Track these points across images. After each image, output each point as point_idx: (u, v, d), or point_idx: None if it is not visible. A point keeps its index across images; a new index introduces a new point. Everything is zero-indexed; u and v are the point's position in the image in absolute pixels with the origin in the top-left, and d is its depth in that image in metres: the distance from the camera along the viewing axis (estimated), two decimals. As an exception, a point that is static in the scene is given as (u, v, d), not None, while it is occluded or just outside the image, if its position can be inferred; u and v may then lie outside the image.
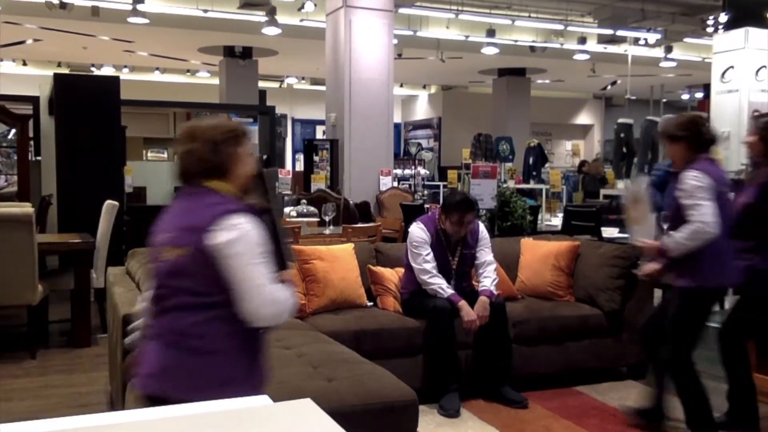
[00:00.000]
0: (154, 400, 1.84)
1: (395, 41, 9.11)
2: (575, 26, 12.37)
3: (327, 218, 5.98)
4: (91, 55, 13.96)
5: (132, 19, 9.61)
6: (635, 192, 3.48)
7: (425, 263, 3.98)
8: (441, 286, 3.95)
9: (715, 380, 4.43)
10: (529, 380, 4.12)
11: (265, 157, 9.74)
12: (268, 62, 13.89)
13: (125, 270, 3.80)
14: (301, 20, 10.70)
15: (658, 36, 12.33)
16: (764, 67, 10.48)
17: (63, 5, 9.42)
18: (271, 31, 10.10)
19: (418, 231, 4.07)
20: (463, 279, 4.13)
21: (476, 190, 5.52)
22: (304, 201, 6.63)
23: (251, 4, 9.61)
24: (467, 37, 12.26)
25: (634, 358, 4.39)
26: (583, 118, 20.76)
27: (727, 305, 5.02)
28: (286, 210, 6.69)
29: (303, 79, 17.62)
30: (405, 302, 4.16)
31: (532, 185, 11.38)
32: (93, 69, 15.18)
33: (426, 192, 12.51)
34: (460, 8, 11.08)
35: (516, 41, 12.81)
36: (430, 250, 4.01)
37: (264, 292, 1.90)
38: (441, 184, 12.55)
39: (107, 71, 15.35)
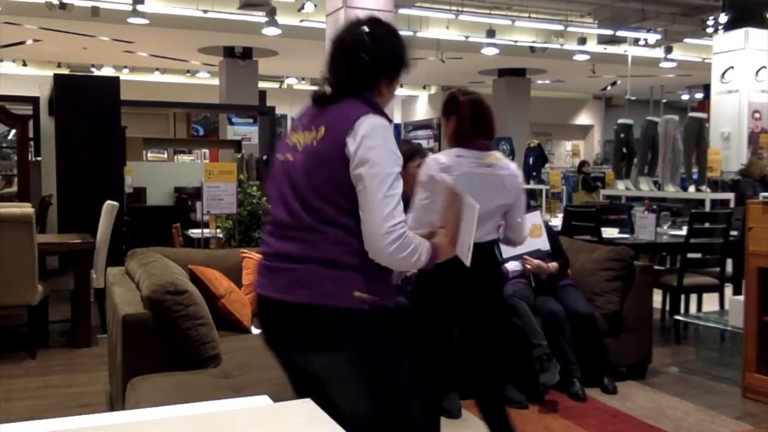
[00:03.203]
0: None
1: (395, 41, 9.09)
2: (575, 27, 12.37)
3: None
4: (91, 55, 13.97)
5: (132, 20, 9.62)
6: None
7: None
8: None
9: (715, 380, 4.43)
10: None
11: (264, 157, 9.74)
12: (268, 63, 13.90)
13: (125, 270, 3.79)
14: (301, 21, 10.71)
15: (658, 36, 12.33)
16: (764, 67, 10.48)
17: (63, 5, 9.42)
18: (271, 31, 10.10)
19: None
20: None
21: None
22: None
23: (251, 4, 9.61)
24: (467, 37, 12.27)
25: (634, 358, 4.40)
26: (583, 119, 20.79)
27: (727, 306, 5.03)
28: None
29: (303, 79, 17.63)
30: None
31: (532, 186, 11.38)
32: (93, 69, 15.20)
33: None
34: (460, 9, 11.09)
35: (516, 42, 12.82)
36: None
37: None
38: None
39: (107, 71, 15.37)
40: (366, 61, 1.87)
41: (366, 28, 1.91)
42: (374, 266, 1.80)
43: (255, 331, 3.69)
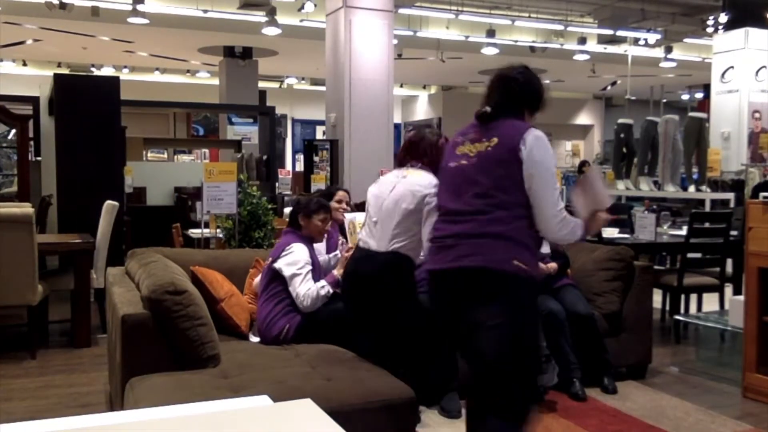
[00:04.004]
0: None
1: (395, 41, 9.11)
2: (575, 26, 12.37)
3: (327, 218, 5.97)
4: (91, 55, 13.97)
5: (132, 20, 9.62)
6: None
7: None
8: None
9: (715, 380, 4.43)
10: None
11: (264, 157, 9.74)
12: (268, 62, 13.89)
13: (125, 270, 3.79)
14: (301, 20, 10.71)
15: (658, 36, 12.33)
16: (764, 67, 10.48)
17: (63, 5, 9.42)
18: (271, 31, 10.10)
19: None
20: None
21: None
22: (304, 201, 6.62)
23: (251, 4, 9.61)
24: (467, 37, 12.27)
25: (634, 358, 4.40)
26: (583, 119, 20.77)
27: (727, 306, 5.03)
28: (286, 210, 6.69)
29: (303, 79, 17.62)
30: None
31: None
32: (93, 69, 15.19)
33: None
34: (460, 8, 11.09)
35: (516, 41, 12.81)
36: None
37: None
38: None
39: (107, 71, 15.36)
40: (518, 92, 2.52)
41: (519, 70, 2.57)
42: (529, 243, 2.39)
43: (253, 339, 3.66)
